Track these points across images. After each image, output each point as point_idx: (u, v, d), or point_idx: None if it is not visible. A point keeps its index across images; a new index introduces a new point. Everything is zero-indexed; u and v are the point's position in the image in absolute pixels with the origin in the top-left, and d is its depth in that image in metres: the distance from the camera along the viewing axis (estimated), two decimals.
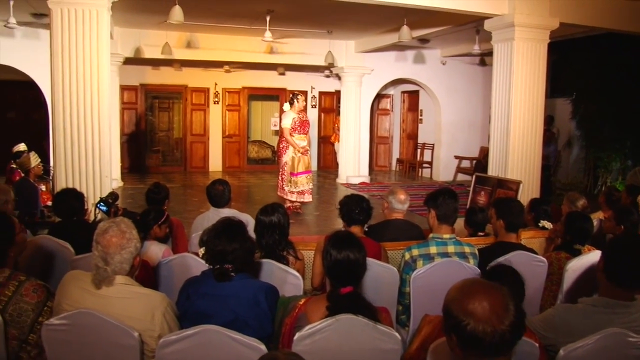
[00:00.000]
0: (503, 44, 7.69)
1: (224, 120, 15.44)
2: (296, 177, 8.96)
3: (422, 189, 12.25)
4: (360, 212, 4.03)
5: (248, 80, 15.40)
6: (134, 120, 14.67)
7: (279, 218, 3.74)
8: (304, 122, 9.07)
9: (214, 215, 4.73)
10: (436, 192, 3.84)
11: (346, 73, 12.96)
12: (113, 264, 2.61)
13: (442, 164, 14.32)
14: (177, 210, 8.65)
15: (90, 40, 5.83)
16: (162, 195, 5.05)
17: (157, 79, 14.71)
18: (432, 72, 13.86)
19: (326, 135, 15.91)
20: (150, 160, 15.08)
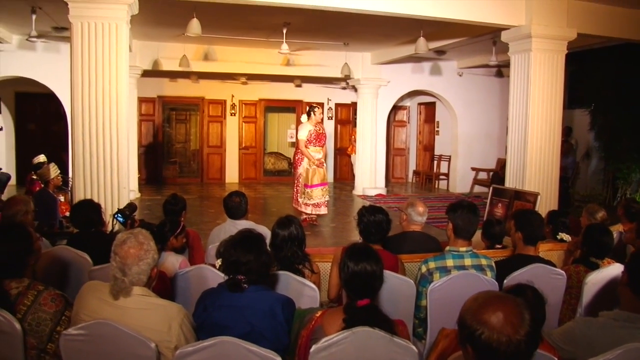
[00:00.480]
0: (520, 55, 7.65)
1: (241, 132, 15.52)
2: (310, 189, 8.96)
3: (438, 201, 12.21)
4: (378, 232, 3.98)
5: (265, 92, 15.47)
6: (151, 131, 14.80)
7: (296, 231, 3.75)
8: (320, 134, 9.08)
9: (231, 227, 4.74)
10: (456, 204, 3.80)
11: (362, 85, 12.97)
12: (131, 275, 2.63)
13: (458, 176, 14.25)
14: (193, 221, 8.68)
15: (109, 53, 5.91)
16: (179, 206, 5.08)
17: (174, 91, 14.84)
18: (449, 84, 13.84)
19: (342, 147, 15.91)
20: (167, 172, 15.17)
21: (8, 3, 7.84)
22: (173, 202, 5.09)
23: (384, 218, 3.98)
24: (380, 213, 3.99)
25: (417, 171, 16.10)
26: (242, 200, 4.99)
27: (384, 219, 3.98)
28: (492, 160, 14.14)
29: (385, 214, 4.02)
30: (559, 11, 7.48)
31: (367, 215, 3.98)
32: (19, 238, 2.86)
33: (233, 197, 5.00)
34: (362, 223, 3.99)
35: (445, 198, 12.78)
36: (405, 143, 16.51)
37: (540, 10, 7.38)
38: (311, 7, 6.78)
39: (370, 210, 4.02)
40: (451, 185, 14.51)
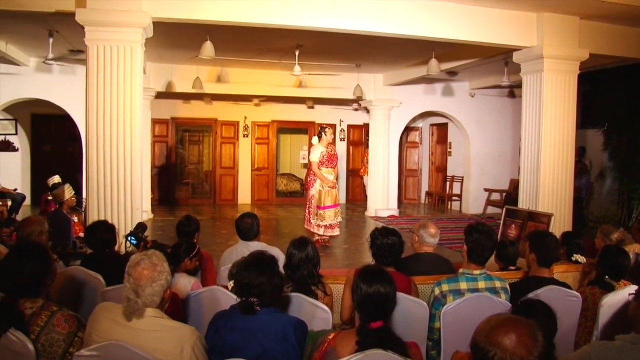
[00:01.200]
0: (532, 76, 7.66)
1: (253, 153, 15.57)
2: (323, 210, 8.95)
3: (451, 222, 12.15)
4: (391, 254, 3.95)
5: (277, 113, 15.54)
6: (164, 152, 14.90)
7: (312, 251, 3.75)
8: (332, 155, 9.10)
9: (243, 249, 4.75)
10: (473, 227, 3.78)
11: (375, 106, 13.01)
12: (144, 296, 2.63)
13: (471, 197, 14.18)
14: (206, 242, 8.67)
15: (124, 76, 5.99)
16: (192, 228, 5.09)
17: (187, 112, 14.96)
18: (461, 105, 13.84)
19: (355, 168, 15.90)
20: (180, 193, 15.21)
21: (26, 27, 7.99)
22: (187, 223, 5.10)
23: (396, 240, 3.96)
24: (393, 235, 3.97)
25: (430, 192, 16.06)
26: (254, 222, 4.99)
27: (397, 241, 3.96)
28: (505, 181, 14.07)
29: (398, 236, 4.00)
30: (570, 32, 7.50)
31: (380, 237, 3.96)
32: (38, 258, 2.88)
33: (245, 218, 5.00)
34: (375, 245, 3.98)
35: (458, 219, 12.72)
36: (417, 164, 16.49)
37: (551, 31, 7.40)
38: (323, 29, 6.85)
39: (383, 232, 4.00)
40: (464, 206, 14.45)
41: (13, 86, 10.63)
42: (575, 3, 6.83)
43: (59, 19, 6.98)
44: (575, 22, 7.51)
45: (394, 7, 6.84)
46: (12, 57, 9.70)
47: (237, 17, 6.42)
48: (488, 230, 3.78)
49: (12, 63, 10.14)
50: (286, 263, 3.74)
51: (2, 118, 12.93)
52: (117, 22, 5.93)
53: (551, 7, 7.13)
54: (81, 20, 5.86)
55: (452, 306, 3.50)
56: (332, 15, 6.65)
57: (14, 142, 13.05)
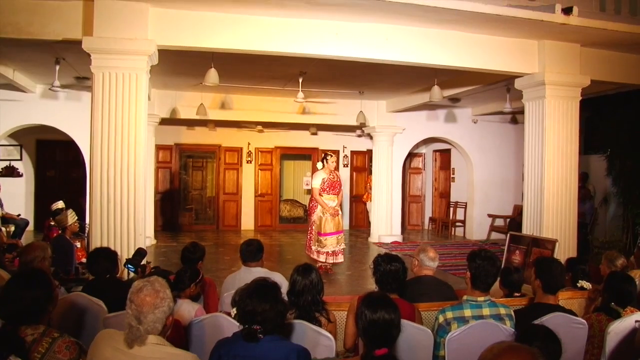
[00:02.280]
0: (534, 102, 7.68)
1: (257, 179, 15.58)
2: (324, 237, 8.91)
3: (455, 248, 12.09)
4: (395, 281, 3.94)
5: (280, 140, 15.60)
6: (168, 178, 14.92)
7: (316, 278, 3.76)
8: (335, 182, 9.09)
9: (246, 275, 4.75)
10: (475, 254, 3.77)
11: (378, 132, 13.04)
12: (146, 323, 2.61)
13: (475, 223, 14.13)
14: (208, 268, 8.60)
15: (129, 103, 6.02)
16: (197, 255, 5.10)
17: (191, 138, 15.02)
18: (464, 131, 13.87)
19: (358, 194, 15.89)
20: (184, 219, 15.19)
21: (34, 55, 8.09)
22: (192, 250, 5.11)
23: (400, 267, 3.95)
24: (396, 262, 3.96)
25: (433, 218, 16.01)
26: (258, 247, 5.00)
27: (400, 268, 3.95)
28: (509, 207, 14.03)
29: (401, 262, 3.99)
30: (571, 59, 7.54)
31: (383, 264, 3.95)
32: (40, 285, 2.87)
33: (248, 243, 5.04)
34: (378, 272, 3.96)
35: (461, 245, 12.67)
36: (421, 190, 16.48)
37: (553, 58, 7.45)
38: (327, 57, 6.90)
39: (386, 258, 3.99)
40: (468, 232, 14.39)
41: (19, 113, 10.72)
42: (576, 31, 6.88)
43: (66, 47, 7.07)
44: (576, 49, 7.56)
45: (396, 34, 6.90)
46: (19, 85, 9.80)
47: (241, 45, 6.48)
48: (491, 256, 3.76)
49: (19, 90, 10.23)
50: (290, 289, 3.73)
51: (7, 144, 13.01)
52: (123, 50, 5.98)
53: (552, 35, 7.19)
54: (88, 48, 5.91)
55: (457, 334, 3.47)
56: (336, 43, 6.71)
57: (18, 168, 13.12)
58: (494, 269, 3.71)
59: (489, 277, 3.69)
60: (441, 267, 9.18)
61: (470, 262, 3.74)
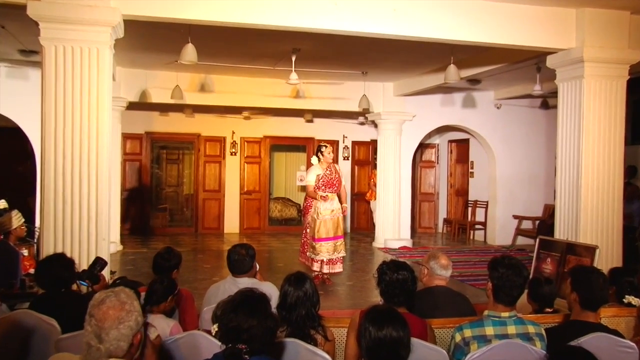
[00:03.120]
0: (570, 83, 7.63)
1: (242, 174, 15.59)
2: (318, 243, 8.84)
3: (474, 255, 12.11)
4: (403, 292, 3.95)
5: (270, 128, 15.60)
6: (137, 173, 14.90)
7: (311, 289, 3.79)
8: (332, 179, 8.97)
9: (230, 286, 4.78)
10: (498, 261, 3.77)
11: (384, 120, 13.04)
12: (108, 341, 2.57)
13: (498, 225, 14.13)
14: (185, 278, 8.62)
15: (88, 83, 5.94)
16: (172, 262, 5.09)
17: (165, 126, 15.00)
18: (485, 118, 13.87)
19: (360, 192, 15.91)
20: (156, 220, 15.21)
21: None
22: (166, 256, 5.10)
23: (408, 276, 3.96)
24: (404, 270, 3.98)
25: (449, 219, 16.03)
26: (248, 254, 5.01)
27: (409, 277, 3.96)
28: (538, 207, 14.06)
29: (410, 270, 4.01)
30: (618, 30, 7.41)
31: (389, 272, 3.96)
32: None
33: (238, 249, 5.05)
34: (383, 282, 3.98)
35: (482, 251, 12.69)
36: (434, 187, 16.50)
37: (594, 29, 7.34)
38: (324, 31, 6.84)
39: (393, 266, 4.00)
40: (489, 237, 14.40)
41: None
42: None
43: (5, 12, 6.81)
44: (625, 18, 7.42)
45: (406, 5, 6.84)
46: None
47: (223, 16, 6.41)
48: (516, 264, 3.76)
49: None
50: (280, 303, 3.76)
51: None
52: (80, 19, 5.87)
53: (594, 1, 7.10)
54: (34, 15, 5.78)
55: (477, 355, 3.47)
56: (334, 15, 6.65)
57: None
58: (520, 279, 3.71)
59: (515, 289, 3.69)
60: (458, 277, 9.22)
61: (492, 271, 3.75)
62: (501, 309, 3.69)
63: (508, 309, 3.69)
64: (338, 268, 9.06)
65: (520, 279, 3.70)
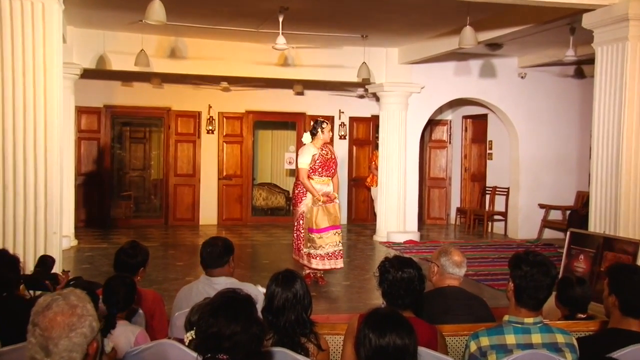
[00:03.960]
0: (611, 47, 7.59)
1: (221, 155, 15.61)
2: (318, 234, 8.82)
3: (492, 251, 12.18)
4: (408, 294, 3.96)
5: (254, 102, 15.60)
6: (95, 154, 14.86)
7: (302, 290, 3.80)
8: (329, 160, 8.99)
9: (206, 287, 4.82)
10: (520, 257, 3.76)
11: (387, 92, 13.05)
12: (57, 353, 2.51)
13: (521, 216, 14.18)
14: (154, 278, 8.68)
15: (32, 45, 5.90)
16: (138, 259, 5.10)
17: (128, 98, 14.93)
18: (507, 89, 13.87)
19: (359, 177, 15.96)
20: (118, 210, 15.26)
21: None
22: (131, 252, 5.10)
23: (415, 274, 3.97)
24: (409, 267, 3.99)
25: (463, 209, 16.11)
26: (225, 248, 5.01)
27: (415, 275, 3.97)
28: (569, 194, 14.13)
29: (416, 268, 4.02)
30: None
31: (392, 270, 3.98)
32: None
33: (212, 242, 5.06)
34: (386, 281, 3.99)
35: (501, 247, 12.76)
36: (445, 171, 16.59)
37: None
38: None
39: (396, 263, 4.02)
40: (510, 229, 14.47)
41: None
42: None
43: None
44: None
45: None
46: None
47: None
48: (543, 261, 3.74)
49: None
50: (266, 306, 3.78)
51: None
52: None
53: None
54: None
55: None
56: None
57: None
58: (547, 278, 3.69)
59: (540, 291, 3.68)
60: (473, 276, 9.26)
61: (514, 269, 3.73)
62: (524, 313, 3.68)
63: (533, 314, 3.68)
64: (340, 263, 9.06)
65: (548, 279, 3.69)
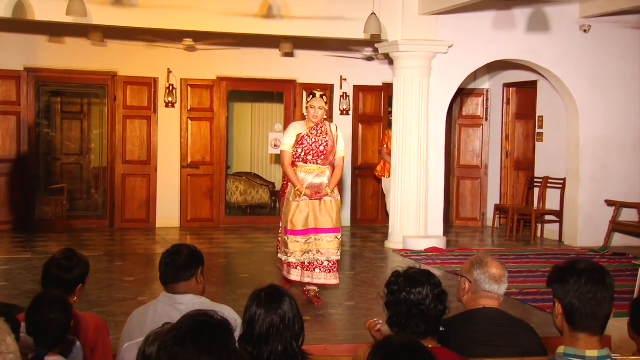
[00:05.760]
0: None
1: (185, 136, 15.54)
2: (293, 236, 8.84)
3: (543, 261, 12.14)
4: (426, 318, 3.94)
5: (228, 65, 15.56)
6: (13, 134, 14.72)
7: (291, 313, 3.76)
8: (321, 143, 8.93)
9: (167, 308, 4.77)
10: (565, 269, 3.65)
11: (403, 53, 13.01)
12: None
13: (582, 216, 14.13)
14: (95, 299, 8.66)
15: None
16: (75, 274, 5.04)
17: (59, 60, 14.75)
18: (563, 48, 13.81)
19: (367, 165, 15.96)
20: (47, 209, 15.18)
21: None
22: (66, 264, 5.06)
23: (427, 293, 3.94)
24: (420, 285, 3.95)
25: (503, 207, 16.06)
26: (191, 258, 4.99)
27: (437, 293, 3.96)
28: None
29: (434, 283, 4.00)
30: None
31: (404, 286, 3.96)
32: None
33: (175, 250, 5.02)
34: (396, 303, 3.97)
35: (555, 257, 12.69)
36: (480, 156, 16.61)
37: None
38: None
39: (407, 278, 4.00)
40: (567, 234, 14.45)
41: None
42: None
43: None
44: None
45: None
46: None
47: None
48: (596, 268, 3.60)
49: None
50: (245, 333, 3.75)
51: None
52: None
53: None
54: None
55: None
56: None
57: None
58: (606, 291, 3.56)
59: (600, 306, 3.52)
60: (517, 295, 9.31)
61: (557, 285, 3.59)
62: (584, 341, 3.54)
63: (597, 344, 3.57)
64: (332, 278, 9.05)
65: (606, 292, 3.56)
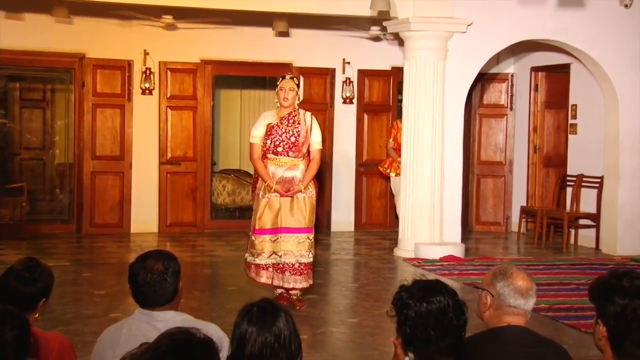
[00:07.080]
0: None
1: (164, 127, 15.56)
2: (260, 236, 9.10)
3: (575, 273, 12.13)
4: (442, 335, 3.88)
5: (213, 46, 15.60)
6: None
7: (287, 330, 3.74)
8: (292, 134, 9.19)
9: (143, 326, 4.74)
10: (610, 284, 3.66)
11: (416, 32, 13.03)
12: None
13: (621, 221, 14.09)
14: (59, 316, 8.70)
15: None
16: (37, 287, 5.04)
17: (17, 39, 14.62)
18: (601, 27, 13.80)
19: (373, 161, 15.91)
20: (3, 211, 15.19)
21: None
22: (27, 275, 5.04)
23: (447, 301, 3.89)
24: (437, 293, 3.90)
25: (531, 209, 16.04)
26: (169, 270, 5.00)
27: (449, 303, 3.92)
28: None
29: (448, 292, 3.91)
30: None
31: (413, 302, 3.93)
32: None
33: (149, 261, 4.96)
34: (407, 321, 3.90)
35: (592, 267, 12.67)
36: (504, 151, 16.62)
37: None
38: None
39: (418, 289, 3.94)
40: (605, 240, 14.41)
41: None
42: None
43: None
44: None
45: None
46: None
47: None
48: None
49: None
50: (234, 353, 3.73)
51: None
52: None
53: None
54: None
55: None
56: None
57: None
58: None
59: None
60: (547, 311, 9.32)
61: (602, 303, 3.61)
62: None
63: None
64: (303, 282, 9.26)
65: None
